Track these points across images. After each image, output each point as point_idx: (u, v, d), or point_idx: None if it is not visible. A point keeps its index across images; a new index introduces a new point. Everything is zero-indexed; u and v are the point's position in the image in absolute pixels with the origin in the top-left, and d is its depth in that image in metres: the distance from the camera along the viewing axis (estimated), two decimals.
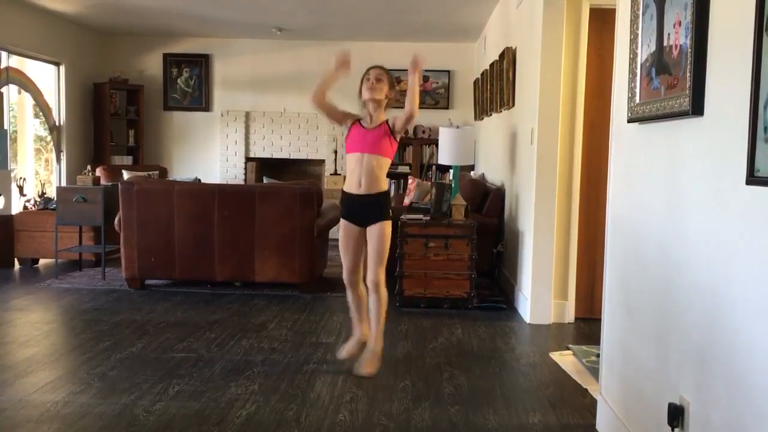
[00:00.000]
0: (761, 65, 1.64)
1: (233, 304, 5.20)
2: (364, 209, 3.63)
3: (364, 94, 3.62)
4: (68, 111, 8.54)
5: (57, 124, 8.47)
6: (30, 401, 3.17)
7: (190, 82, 9.47)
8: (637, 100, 2.51)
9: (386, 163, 3.64)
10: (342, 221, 3.71)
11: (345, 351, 3.82)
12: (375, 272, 3.62)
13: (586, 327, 4.68)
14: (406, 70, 3.49)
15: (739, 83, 1.78)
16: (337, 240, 3.94)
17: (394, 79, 3.74)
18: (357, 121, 3.68)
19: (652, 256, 2.43)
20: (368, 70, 3.67)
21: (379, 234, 3.61)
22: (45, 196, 7.08)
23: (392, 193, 8.88)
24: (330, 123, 8.60)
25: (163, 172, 8.72)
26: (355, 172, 3.60)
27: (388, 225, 3.64)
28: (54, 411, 3.05)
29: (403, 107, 3.52)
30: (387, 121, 3.63)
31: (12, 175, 6.96)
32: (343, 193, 3.69)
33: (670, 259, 2.25)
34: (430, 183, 6.78)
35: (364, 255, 3.73)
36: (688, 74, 2.04)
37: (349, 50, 3.70)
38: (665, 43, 2.25)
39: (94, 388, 3.36)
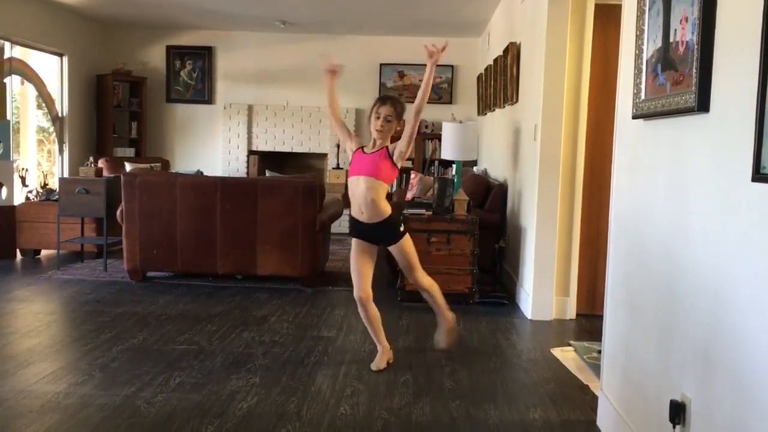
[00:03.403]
0: None
1: (235, 297, 5.20)
2: (374, 234, 3.61)
3: (373, 132, 3.55)
4: (71, 102, 8.54)
5: (60, 115, 8.47)
6: (31, 392, 3.17)
7: (193, 75, 9.45)
8: (642, 97, 2.50)
9: (381, 186, 3.52)
10: (353, 239, 3.68)
11: (375, 365, 3.67)
12: (416, 279, 3.74)
13: (588, 323, 4.68)
14: (410, 64, 3.48)
15: (745, 80, 1.77)
16: (339, 234, 3.96)
17: (405, 110, 3.62)
18: (361, 147, 3.63)
19: (656, 254, 2.42)
20: (380, 105, 3.54)
21: (402, 251, 3.65)
22: (47, 187, 7.08)
23: (395, 188, 8.87)
24: (335, 135, 8.57)
25: (166, 165, 8.73)
26: (355, 199, 3.56)
27: (407, 240, 3.65)
28: (55, 402, 3.06)
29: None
30: (387, 147, 3.55)
31: (14, 165, 6.96)
32: (350, 216, 3.70)
33: (674, 256, 2.25)
34: (432, 178, 6.78)
35: (373, 267, 3.70)
36: (694, 71, 2.03)
37: (331, 55, 3.63)
38: (671, 39, 2.24)
39: (95, 379, 3.37)
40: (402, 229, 3.65)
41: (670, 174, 2.31)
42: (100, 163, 8.05)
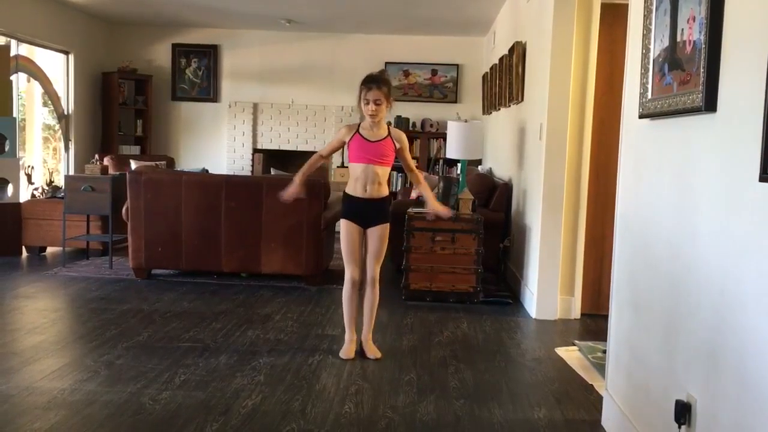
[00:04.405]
0: None
1: (239, 295, 5.21)
2: (368, 212, 3.75)
3: (367, 117, 3.69)
4: (77, 100, 8.56)
5: (65, 113, 8.49)
6: (37, 388, 3.18)
7: (199, 73, 9.47)
8: (649, 96, 2.50)
9: (388, 171, 3.81)
10: (345, 222, 3.77)
11: (345, 354, 3.80)
12: (375, 270, 3.82)
13: (592, 323, 4.67)
14: (415, 63, 3.52)
15: (753, 79, 1.76)
16: None
17: (391, 86, 3.78)
18: (356, 132, 3.73)
19: (661, 253, 2.42)
20: (366, 90, 3.64)
21: (381, 235, 3.78)
22: (53, 184, 7.10)
23: (399, 187, 8.89)
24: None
25: (171, 163, 8.74)
26: (360, 180, 3.72)
27: (388, 227, 3.83)
28: (61, 398, 3.07)
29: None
30: (392, 137, 3.72)
31: (20, 163, 6.98)
32: (347, 195, 3.78)
33: (680, 256, 2.24)
34: (437, 177, 6.77)
35: (364, 253, 3.82)
36: (702, 70, 2.02)
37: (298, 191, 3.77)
38: (678, 39, 2.24)
39: (100, 376, 3.37)
40: (390, 216, 3.87)
41: (677, 174, 2.30)
42: (106, 161, 8.07)
